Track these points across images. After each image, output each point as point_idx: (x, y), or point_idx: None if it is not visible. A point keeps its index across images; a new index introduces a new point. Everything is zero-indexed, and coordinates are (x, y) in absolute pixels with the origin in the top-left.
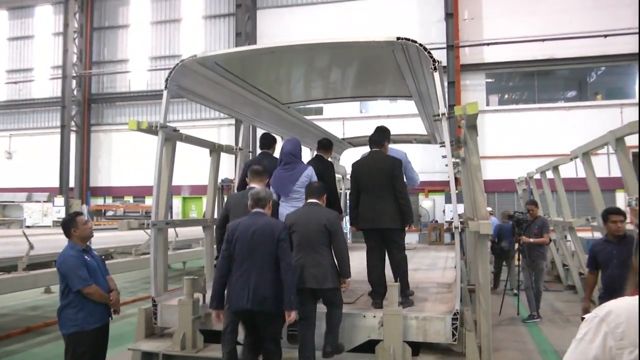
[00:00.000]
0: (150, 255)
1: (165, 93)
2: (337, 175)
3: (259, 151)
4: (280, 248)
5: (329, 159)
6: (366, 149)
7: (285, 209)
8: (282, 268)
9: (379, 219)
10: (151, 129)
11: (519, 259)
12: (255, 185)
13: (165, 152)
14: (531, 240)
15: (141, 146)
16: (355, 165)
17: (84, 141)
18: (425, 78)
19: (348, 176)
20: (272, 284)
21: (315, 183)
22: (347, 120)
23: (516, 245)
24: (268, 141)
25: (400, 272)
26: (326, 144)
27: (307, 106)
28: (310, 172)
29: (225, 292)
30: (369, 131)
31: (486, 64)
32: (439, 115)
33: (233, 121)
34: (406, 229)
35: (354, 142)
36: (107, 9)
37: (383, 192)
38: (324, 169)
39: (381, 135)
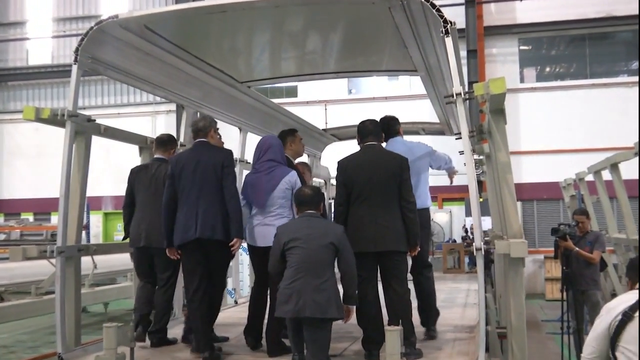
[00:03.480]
0: (56, 294)
1: (74, 68)
2: (317, 180)
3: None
4: (224, 175)
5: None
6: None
7: (260, 227)
8: (226, 195)
9: (382, 239)
10: (55, 119)
11: (566, 290)
12: (160, 156)
13: (77, 150)
14: (575, 249)
15: (45, 143)
16: (343, 165)
17: None
18: (435, 46)
19: (332, 181)
20: (222, 214)
21: (305, 189)
22: (331, 103)
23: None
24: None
25: (403, 311)
26: (281, 136)
27: (276, 85)
28: (293, 177)
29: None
30: (361, 117)
31: (519, 25)
32: (453, 96)
33: (173, 107)
34: (410, 253)
35: (340, 134)
36: None
37: (386, 202)
38: None
39: (376, 125)
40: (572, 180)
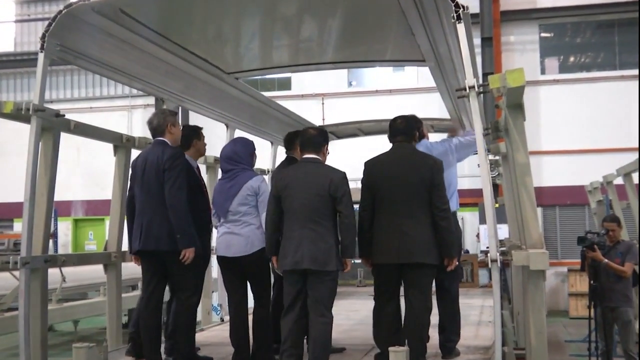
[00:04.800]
0: (19, 311)
1: (41, 57)
2: None
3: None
4: (165, 180)
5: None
6: (364, 145)
7: (225, 235)
8: (167, 202)
9: (408, 251)
10: (19, 113)
11: (594, 307)
12: None
13: (44, 149)
14: (604, 260)
15: (7, 141)
16: (369, 166)
17: None
18: (445, 33)
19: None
20: (168, 221)
21: (310, 129)
22: (329, 97)
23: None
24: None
25: (414, 329)
26: (287, 139)
27: (267, 77)
28: (256, 183)
29: None
30: (362, 112)
31: (540, 10)
32: (465, 90)
33: (151, 100)
34: (449, 266)
35: (338, 132)
36: None
37: (413, 209)
38: None
39: (409, 122)
40: (599, 184)
